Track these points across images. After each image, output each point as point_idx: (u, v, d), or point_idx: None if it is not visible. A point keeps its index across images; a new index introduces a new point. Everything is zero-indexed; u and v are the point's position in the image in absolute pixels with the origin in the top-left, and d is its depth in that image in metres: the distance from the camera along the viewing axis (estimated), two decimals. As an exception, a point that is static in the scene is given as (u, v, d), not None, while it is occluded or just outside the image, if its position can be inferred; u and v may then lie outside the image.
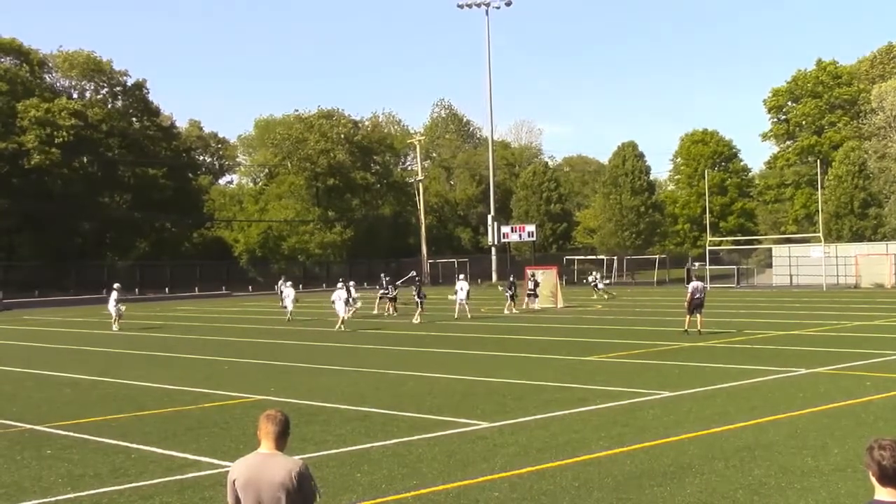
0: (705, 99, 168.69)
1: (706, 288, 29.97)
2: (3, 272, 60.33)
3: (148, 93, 76.71)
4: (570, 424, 12.59)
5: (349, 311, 32.30)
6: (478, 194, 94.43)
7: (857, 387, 15.47)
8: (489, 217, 75.38)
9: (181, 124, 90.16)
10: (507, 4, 72.88)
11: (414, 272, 47.52)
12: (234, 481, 5.03)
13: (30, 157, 63.68)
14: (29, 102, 64.78)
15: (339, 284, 34.35)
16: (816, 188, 65.39)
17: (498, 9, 73.41)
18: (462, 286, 35.14)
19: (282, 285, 44.53)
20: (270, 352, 24.08)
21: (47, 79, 73.87)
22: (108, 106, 74.52)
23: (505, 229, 73.99)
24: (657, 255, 72.24)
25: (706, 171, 78.47)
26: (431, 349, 23.98)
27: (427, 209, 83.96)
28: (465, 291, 34.96)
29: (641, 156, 77.93)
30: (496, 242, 74.11)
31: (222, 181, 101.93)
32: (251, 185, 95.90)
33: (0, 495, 9.57)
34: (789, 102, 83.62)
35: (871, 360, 19.10)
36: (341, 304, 31.52)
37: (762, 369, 17.81)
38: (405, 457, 10.80)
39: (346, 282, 36.02)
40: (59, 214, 65.05)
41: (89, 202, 69.25)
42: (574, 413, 13.47)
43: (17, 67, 69.64)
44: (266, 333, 30.49)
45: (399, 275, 44.58)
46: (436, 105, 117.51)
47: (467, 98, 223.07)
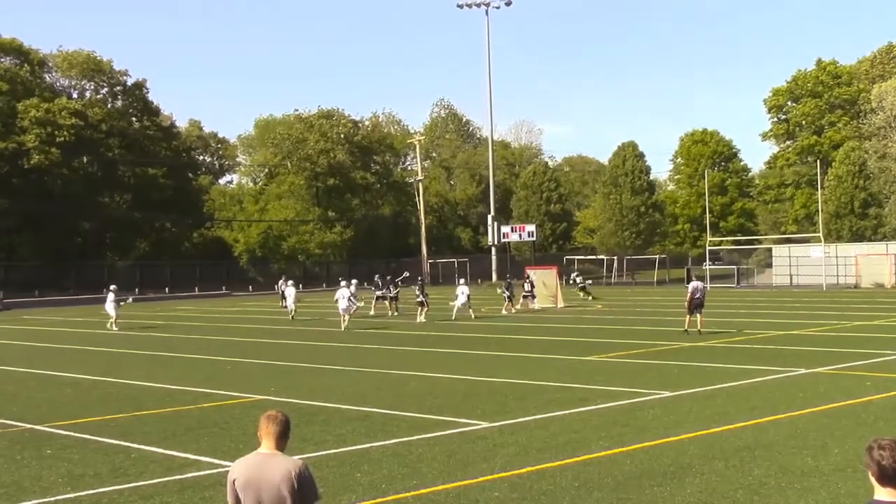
0: (705, 99, 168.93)
1: (706, 288, 29.97)
2: (3, 272, 60.34)
3: (148, 93, 76.89)
4: (570, 424, 12.60)
5: (351, 311, 32.24)
6: (478, 194, 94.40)
7: (857, 387, 15.47)
8: (489, 217, 75.32)
9: (181, 124, 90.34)
10: (507, 4, 72.90)
11: (407, 273, 47.45)
12: (234, 481, 5.03)
13: (30, 156, 63.68)
14: (29, 102, 64.80)
15: (342, 283, 34.33)
16: (816, 188, 65.38)
17: (498, 9, 73.46)
18: (463, 290, 35.09)
19: (282, 285, 44.55)
20: (272, 352, 24.08)
21: (47, 79, 73.89)
22: (108, 106, 74.54)
23: (505, 229, 73.90)
24: (657, 255, 72.24)
25: (706, 171, 78.44)
26: (434, 349, 23.98)
27: (427, 209, 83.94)
28: (465, 296, 34.92)
29: (641, 156, 77.94)
30: (496, 242, 74.06)
31: (222, 181, 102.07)
32: (251, 185, 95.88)
33: (0, 495, 9.57)
34: (789, 102, 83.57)
35: (871, 360, 19.10)
36: (345, 303, 31.54)
37: (762, 369, 17.81)
38: (405, 457, 10.81)
39: (348, 281, 35.94)
40: (59, 214, 65.04)
41: (89, 202, 69.25)
42: (574, 413, 13.48)
43: (17, 67, 69.65)
44: (268, 333, 30.49)
45: (398, 276, 44.49)
46: (436, 105, 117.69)
47: (467, 98, 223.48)
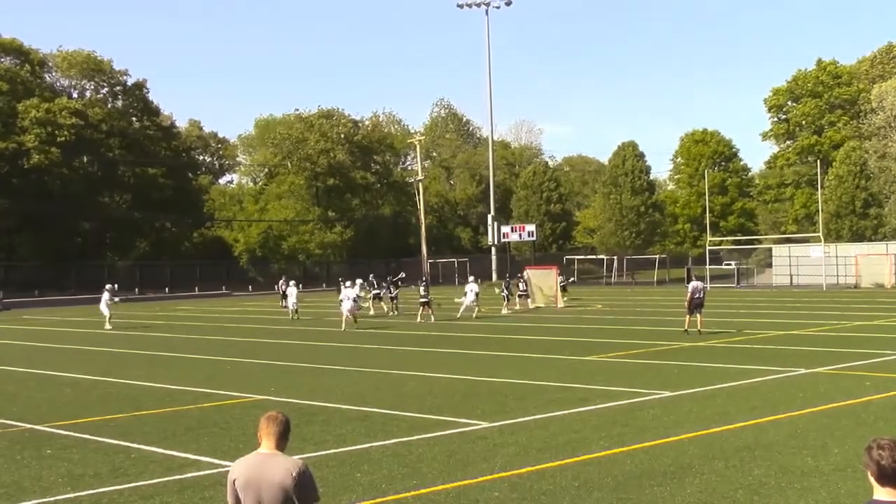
0: (705, 99, 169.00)
1: (706, 288, 29.96)
2: (3, 272, 60.35)
3: (148, 92, 76.96)
4: (570, 424, 12.59)
5: (356, 312, 32.22)
6: (478, 194, 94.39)
7: (857, 387, 15.46)
8: (489, 217, 75.35)
9: (181, 124, 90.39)
10: (507, 4, 72.98)
11: (403, 273, 47.52)
12: (235, 481, 5.03)
13: (30, 156, 63.71)
14: (29, 102, 64.82)
15: (347, 283, 34.26)
16: (816, 188, 65.36)
17: (498, 9, 73.57)
18: (472, 287, 35.09)
19: (283, 285, 44.54)
20: (272, 352, 24.07)
21: (47, 78, 73.93)
22: (108, 106, 74.58)
23: (505, 229, 73.93)
24: (657, 255, 72.25)
25: (706, 170, 78.43)
26: (434, 349, 23.98)
27: (427, 209, 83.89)
28: (473, 293, 34.95)
29: (641, 156, 77.99)
30: (496, 242, 74.08)
31: (222, 181, 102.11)
32: (251, 184, 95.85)
33: (0, 495, 9.57)
34: (789, 102, 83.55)
35: (871, 360, 19.09)
36: (348, 303, 31.52)
37: (762, 369, 17.80)
38: (405, 457, 10.80)
39: (353, 282, 35.84)
40: (59, 214, 65.06)
41: (89, 202, 69.27)
42: (574, 413, 13.47)
43: (17, 67, 69.69)
44: (268, 333, 30.49)
45: (396, 276, 44.51)
46: (436, 105, 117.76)
47: (467, 98, 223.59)
